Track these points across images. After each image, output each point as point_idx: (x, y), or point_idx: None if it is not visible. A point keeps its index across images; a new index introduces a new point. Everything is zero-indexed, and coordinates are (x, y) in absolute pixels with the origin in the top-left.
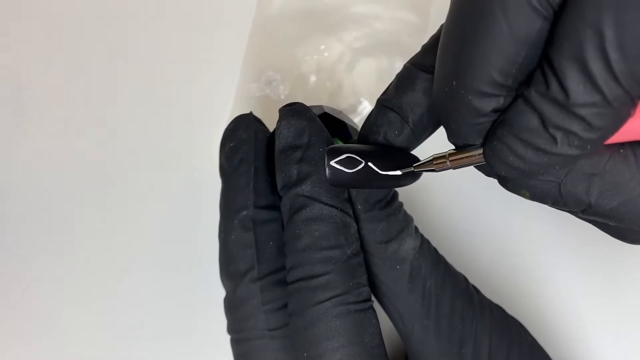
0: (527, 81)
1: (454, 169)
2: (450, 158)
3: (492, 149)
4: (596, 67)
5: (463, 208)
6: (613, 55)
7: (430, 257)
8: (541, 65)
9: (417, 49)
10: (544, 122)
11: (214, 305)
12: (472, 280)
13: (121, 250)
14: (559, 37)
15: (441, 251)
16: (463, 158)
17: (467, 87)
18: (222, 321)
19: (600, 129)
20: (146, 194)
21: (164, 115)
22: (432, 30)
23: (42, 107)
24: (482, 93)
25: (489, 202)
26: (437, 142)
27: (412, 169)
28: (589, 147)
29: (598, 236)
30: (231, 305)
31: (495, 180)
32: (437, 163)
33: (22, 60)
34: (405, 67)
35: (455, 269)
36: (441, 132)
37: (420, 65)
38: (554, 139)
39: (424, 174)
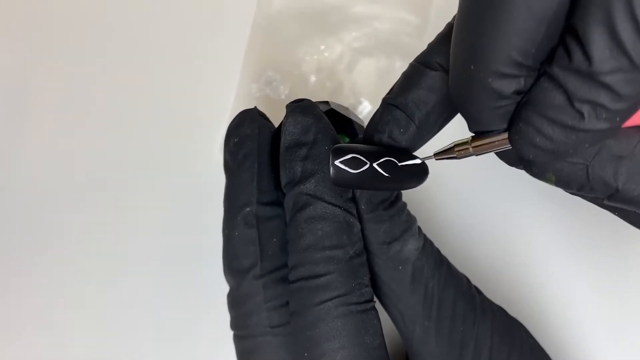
0: (548, 60)
1: (476, 155)
2: (473, 144)
3: (518, 131)
4: (624, 28)
5: (466, 209)
6: None
7: (433, 258)
8: (563, 40)
9: (417, 49)
10: (569, 97)
11: (215, 303)
12: (474, 281)
13: (123, 248)
14: (583, 4)
15: (444, 252)
16: (486, 143)
17: (486, 69)
18: (223, 319)
19: (628, 98)
20: (147, 193)
21: (165, 114)
22: (432, 30)
23: (42, 107)
24: (502, 74)
25: (491, 203)
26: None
27: (433, 157)
28: (618, 119)
29: (600, 237)
30: (234, 302)
31: (497, 182)
32: (459, 150)
33: (22, 60)
34: (411, 65)
35: (458, 269)
36: (442, 134)
37: (427, 63)
38: (581, 114)
39: (428, 175)
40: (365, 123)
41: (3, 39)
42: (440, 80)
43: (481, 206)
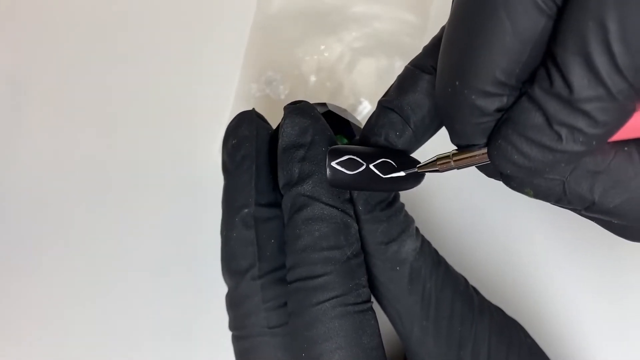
0: (530, 79)
1: (458, 169)
2: (454, 158)
3: (497, 147)
4: (600, 60)
5: (463, 209)
6: (617, 48)
7: (431, 259)
8: (544, 63)
9: (417, 49)
10: (548, 119)
11: (214, 303)
12: (472, 281)
13: (122, 249)
14: (562, 32)
15: (441, 252)
16: (467, 158)
17: (471, 87)
18: (222, 320)
19: (605, 124)
20: (146, 193)
21: (165, 115)
22: (432, 30)
23: (41, 106)
24: (485, 93)
25: (489, 203)
26: (439, 145)
27: (416, 169)
28: (594, 143)
29: (598, 237)
30: (233, 302)
31: (496, 182)
32: (441, 163)
33: (22, 60)
34: (406, 68)
35: (456, 270)
36: (441, 134)
37: (422, 67)
38: (559, 136)
39: (426, 175)
40: (363, 125)
41: (3, 39)
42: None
43: (479, 207)
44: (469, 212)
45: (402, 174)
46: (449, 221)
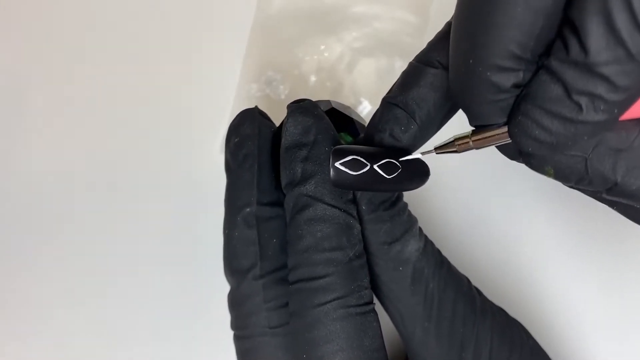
0: (546, 53)
1: (476, 149)
2: (473, 138)
3: (517, 124)
4: (620, 18)
5: (467, 209)
6: (638, 4)
7: (434, 259)
8: (560, 33)
9: (417, 49)
10: (567, 90)
11: (216, 303)
12: (474, 281)
13: (122, 248)
14: None
15: (444, 252)
16: (486, 137)
17: (485, 63)
18: (222, 320)
19: (625, 89)
20: (146, 194)
21: (165, 114)
22: (432, 30)
23: (41, 106)
24: (500, 68)
25: (492, 203)
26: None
27: (434, 151)
28: (616, 111)
29: (602, 239)
30: (234, 302)
31: (498, 183)
32: (460, 144)
33: (22, 60)
34: (410, 64)
35: (458, 270)
36: (441, 134)
37: (426, 61)
38: (579, 106)
39: (430, 175)
40: (366, 122)
41: (3, 39)
42: (440, 78)
43: (482, 207)
44: (472, 212)
45: (417, 155)
46: (452, 221)
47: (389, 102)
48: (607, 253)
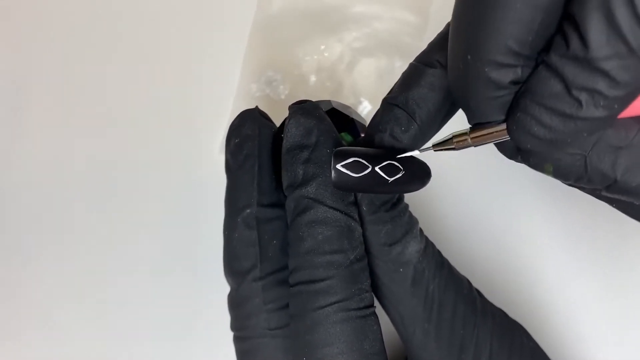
0: (546, 49)
1: (475, 146)
2: (472, 135)
3: (516, 121)
4: (621, 12)
5: (468, 211)
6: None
7: (434, 261)
8: (560, 28)
9: (417, 49)
10: (567, 85)
11: (216, 303)
12: (475, 283)
13: (122, 248)
14: None
15: (445, 254)
16: (484, 134)
17: (483, 59)
18: (223, 320)
19: (626, 85)
20: (146, 194)
21: (165, 115)
22: (432, 30)
23: (41, 107)
24: (498, 64)
25: (493, 205)
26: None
27: (432, 148)
28: (616, 106)
29: (602, 239)
30: (234, 303)
31: (499, 184)
32: (458, 141)
33: (22, 60)
34: (410, 65)
35: (459, 272)
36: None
37: (426, 62)
38: (579, 102)
39: (431, 177)
40: (367, 122)
41: (3, 39)
42: (440, 78)
43: (483, 208)
44: (472, 214)
45: (415, 153)
46: (452, 223)
47: (389, 103)
48: (608, 252)
